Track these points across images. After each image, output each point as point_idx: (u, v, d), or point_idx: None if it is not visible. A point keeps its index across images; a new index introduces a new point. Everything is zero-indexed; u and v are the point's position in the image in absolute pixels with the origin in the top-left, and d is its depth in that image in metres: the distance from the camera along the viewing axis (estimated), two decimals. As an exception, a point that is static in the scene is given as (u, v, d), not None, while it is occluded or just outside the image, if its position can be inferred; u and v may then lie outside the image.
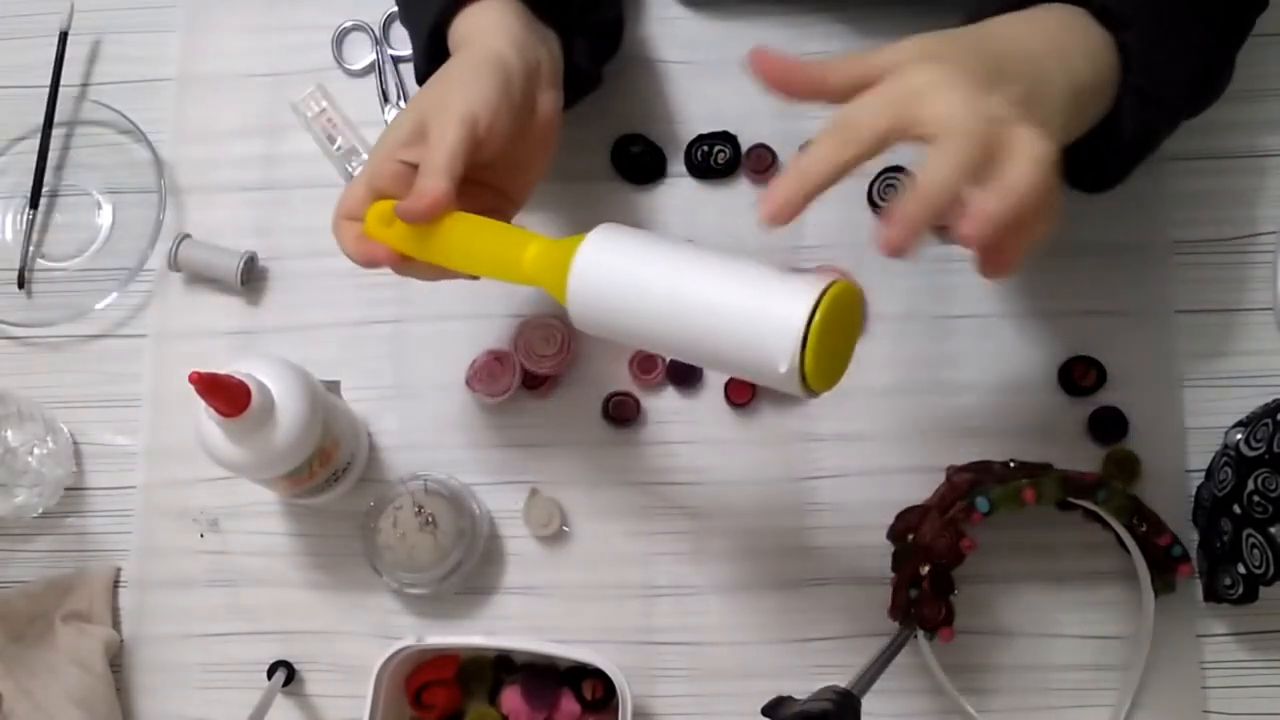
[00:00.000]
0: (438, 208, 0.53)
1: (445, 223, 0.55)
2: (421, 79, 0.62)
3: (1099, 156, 0.57)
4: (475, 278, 0.58)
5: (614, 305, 0.52)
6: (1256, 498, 0.62)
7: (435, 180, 0.53)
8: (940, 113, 0.45)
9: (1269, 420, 0.63)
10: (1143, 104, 0.55)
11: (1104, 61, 0.54)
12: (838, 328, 0.49)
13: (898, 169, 0.72)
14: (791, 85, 0.49)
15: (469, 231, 0.56)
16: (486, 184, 0.59)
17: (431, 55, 0.61)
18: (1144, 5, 0.55)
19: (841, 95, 0.48)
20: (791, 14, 0.77)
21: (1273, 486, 0.61)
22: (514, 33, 0.58)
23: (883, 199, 0.72)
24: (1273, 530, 0.61)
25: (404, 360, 0.74)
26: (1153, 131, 0.59)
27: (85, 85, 0.81)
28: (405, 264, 0.57)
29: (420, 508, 0.67)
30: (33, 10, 0.81)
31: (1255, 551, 0.62)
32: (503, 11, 0.59)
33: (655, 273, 0.51)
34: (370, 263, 0.56)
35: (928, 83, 0.46)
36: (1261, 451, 0.62)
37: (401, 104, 0.78)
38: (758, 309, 0.48)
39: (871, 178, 0.73)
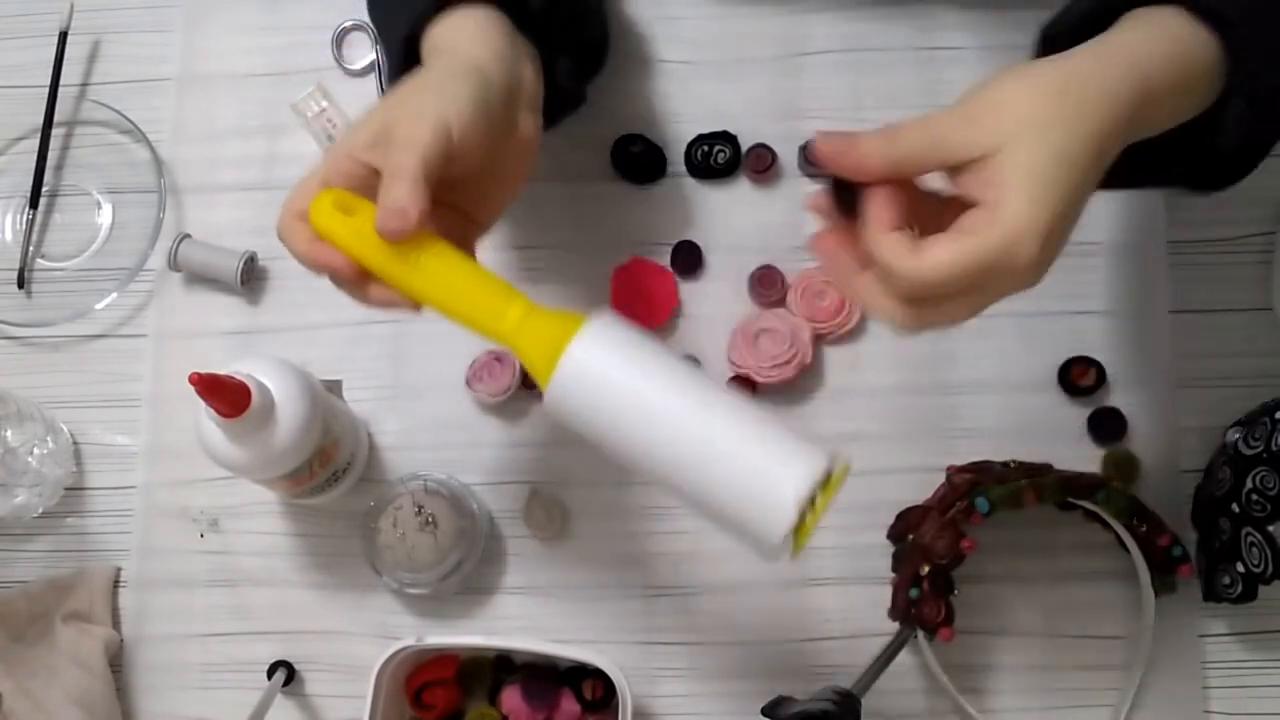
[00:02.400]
0: (414, 220, 0.47)
1: (419, 246, 0.49)
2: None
3: (1202, 159, 0.53)
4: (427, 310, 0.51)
5: (601, 415, 0.48)
6: (1255, 496, 0.62)
7: (408, 187, 0.47)
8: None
9: (1267, 419, 0.63)
10: (1254, 111, 0.51)
11: (1189, 61, 0.49)
12: (827, 501, 0.48)
13: None
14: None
15: (445, 266, 0.49)
16: (451, 205, 0.54)
17: (405, 62, 0.56)
18: (1254, 5, 0.50)
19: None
20: (793, 12, 0.77)
21: (1270, 485, 0.61)
22: (495, 44, 0.54)
23: None
24: (1271, 528, 0.61)
25: (404, 360, 0.74)
26: (1264, 140, 0.54)
27: (85, 85, 0.81)
28: (362, 282, 0.50)
29: (420, 508, 0.67)
30: (33, 10, 0.81)
31: (1254, 550, 0.62)
32: (484, 22, 0.55)
33: (654, 397, 0.47)
34: (324, 270, 0.50)
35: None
36: (1260, 450, 0.62)
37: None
38: (761, 477, 0.46)
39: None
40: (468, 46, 0.54)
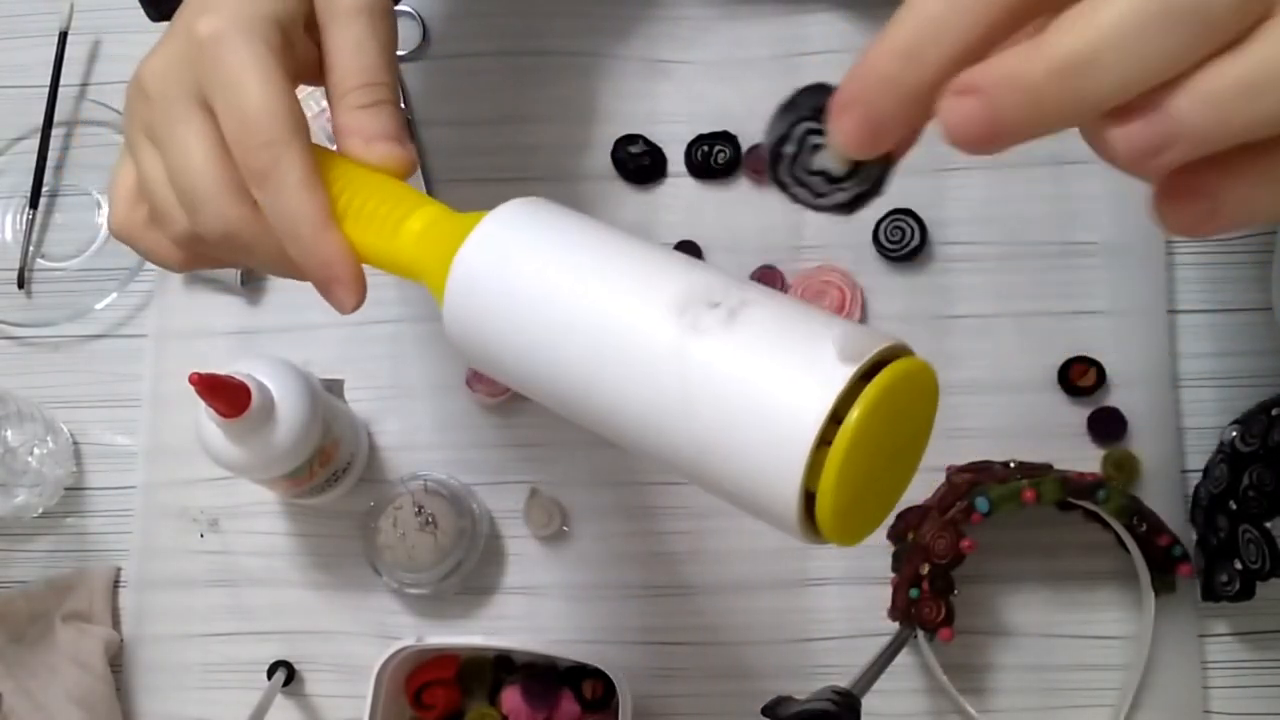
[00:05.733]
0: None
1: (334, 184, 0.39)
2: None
3: None
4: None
5: (509, 331, 0.34)
6: (1251, 493, 0.62)
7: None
8: None
9: (1264, 416, 0.63)
10: None
11: None
12: (889, 437, 0.31)
13: (907, 211, 0.72)
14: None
15: (349, 195, 0.39)
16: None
17: None
18: None
19: None
20: (793, 11, 0.77)
21: (1267, 481, 0.61)
22: None
23: (890, 240, 0.72)
24: (1268, 524, 0.61)
25: (404, 360, 0.74)
26: None
27: (85, 85, 0.81)
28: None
29: (420, 508, 0.67)
30: (33, 10, 0.81)
31: (1251, 547, 0.62)
32: None
33: (585, 299, 0.33)
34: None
35: None
36: (1256, 447, 0.62)
37: (401, 105, 0.77)
38: (753, 413, 0.30)
39: (879, 217, 0.72)
40: None
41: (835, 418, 0.29)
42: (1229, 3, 0.26)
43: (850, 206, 0.31)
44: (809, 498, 0.30)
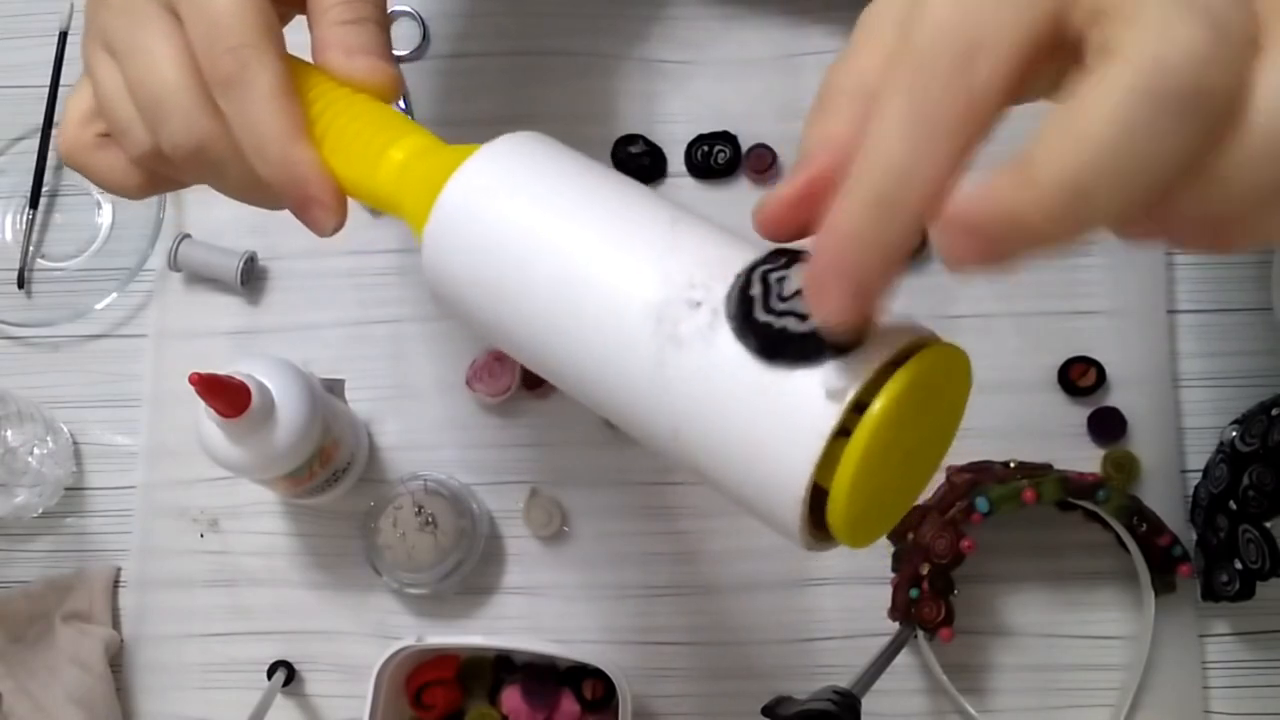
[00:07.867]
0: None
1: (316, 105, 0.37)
2: None
3: None
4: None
5: (487, 289, 0.32)
6: (1251, 492, 0.62)
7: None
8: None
9: (1264, 416, 0.63)
10: None
11: None
12: (910, 432, 0.29)
13: None
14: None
15: (329, 117, 0.37)
16: None
17: None
18: None
19: None
20: (793, 12, 0.77)
21: (1267, 481, 0.61)
22: None
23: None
24: (1268, 524, 0.61)
25: (404, 360, 0.74)
26: None
27: (85, 85, 0.81)
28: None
29: (420, 508, 0.67)
30: (33, 10, 0.81)
31: (1251, 546, 0.62)
32: None
33: (578, 240, 0.31)
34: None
35: None
36: (1256, 447, 0.62)
37: (401, 104, 0.77)
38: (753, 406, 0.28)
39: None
40: None
41: (847, 418, 0.27)
42: (1223, 65, 0.21)
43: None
44: (815, 499, 0.28)
